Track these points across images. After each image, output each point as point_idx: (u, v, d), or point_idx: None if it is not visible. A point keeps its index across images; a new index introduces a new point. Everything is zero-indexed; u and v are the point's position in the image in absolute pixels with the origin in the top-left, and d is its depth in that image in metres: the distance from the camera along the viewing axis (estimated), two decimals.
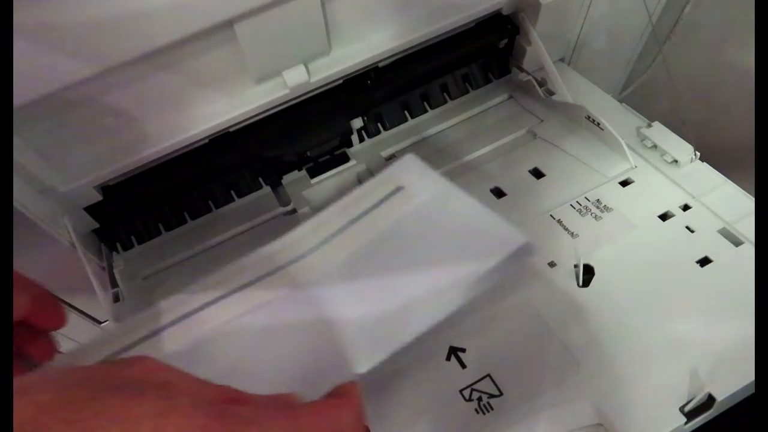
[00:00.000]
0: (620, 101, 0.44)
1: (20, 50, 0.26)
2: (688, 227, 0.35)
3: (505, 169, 0.41)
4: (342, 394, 0.21)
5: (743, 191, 0.36)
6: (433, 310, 0.26)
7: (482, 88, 0.48)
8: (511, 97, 0.47)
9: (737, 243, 0.33)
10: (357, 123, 0.45)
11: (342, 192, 0.41)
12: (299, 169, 0.44)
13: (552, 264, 0.34)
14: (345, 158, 0.44)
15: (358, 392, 0.21)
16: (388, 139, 0.46)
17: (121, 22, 0.28)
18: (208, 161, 0.40)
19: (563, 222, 0.36)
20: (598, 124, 0.39)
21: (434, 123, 0.46)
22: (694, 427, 0.28)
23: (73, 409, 0.15)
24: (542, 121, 0.44)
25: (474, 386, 0.30)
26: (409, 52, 0.42)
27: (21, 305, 0.25)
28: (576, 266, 0.34)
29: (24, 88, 0.28)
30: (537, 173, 0.40)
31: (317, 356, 0.26)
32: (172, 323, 0.28)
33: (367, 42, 0.39)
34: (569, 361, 0.30)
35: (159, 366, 0.18)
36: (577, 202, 0.37)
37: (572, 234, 0.35)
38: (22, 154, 0.32)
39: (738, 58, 0.51)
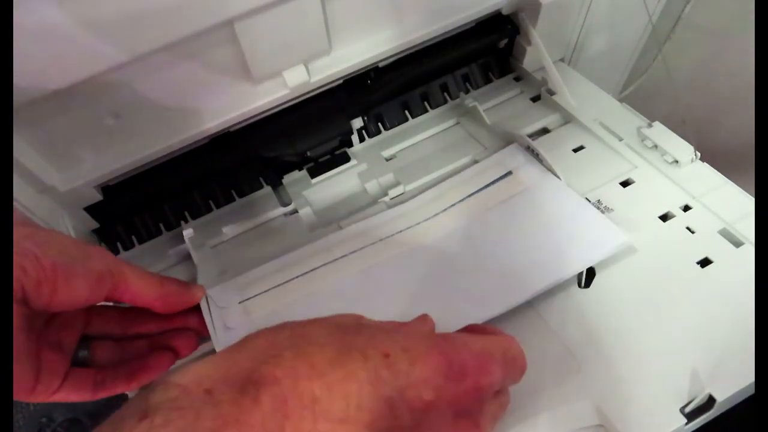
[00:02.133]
0: (620, 101, 0.44)
1: (18, 50, 0.26)
2: (688, 228, 0.35)
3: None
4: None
5: (743, 191, 0.36)
6: (537, 283, 0.31)
7: (434, 111, 0.47)
8: (458, 123, 0.46)
9: (737, 243, 0.33)
10: (357, 123, 0.45)
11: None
12: (300, 169, 0.44)
13: None
14: (345, 158, 0.44)
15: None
16: (388, 139, 0.46)
17: (120, 22, 0.28)
18: (209, 161, 0.40)
19: None
20: (537, 154, 0.39)
21: (392, 143, 0.45)
22: (694, 428, 0.28)
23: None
24: (486, 148, 0.43)
25: None
26: (409, 52, 0.42)
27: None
28: None
29: (23, 88, 0.28)
30: None
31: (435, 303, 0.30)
32: (305, 273, 0.35)
33: (367, 42, 0.39)
34: (569, 361, 0.30)
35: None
36: None
37: None
38: (22, 154, 0.32)
39: (738, 58, 0.51)
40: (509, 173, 0.38)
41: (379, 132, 0.46)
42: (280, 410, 0.18)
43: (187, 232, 0.39)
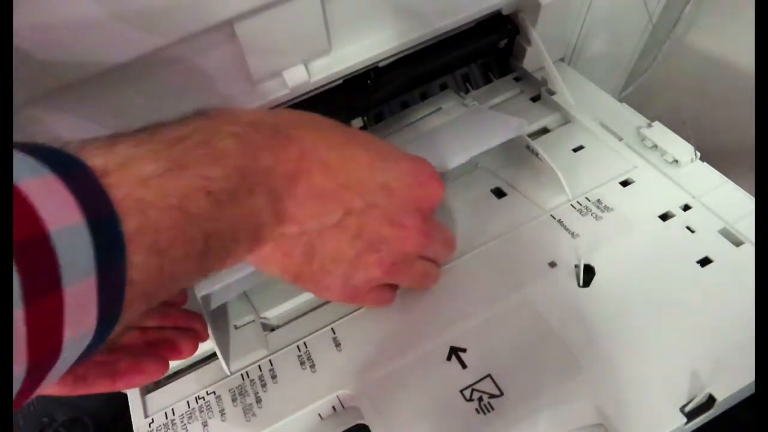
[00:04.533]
0: (620, 101, 0.44)
1: (18, 49, 0.26)
2: (688, 227, 0.35)
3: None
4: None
5: (743, 191, 0.36)
6: (478, 146, 0.37)
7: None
8: None
9: (737, 243, 0.33)
10: (357, 123, 0.45)
11: None
12: None
13: (552, 264, 0.34)
14: None
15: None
16: (387, 139, 0.46)
17: (120, 22, 0.28)
18: None
19: (564, 222, 0.36)
20: (537, 153, 0.38)
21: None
22: (694, 427, 0.28)
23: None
24: None
25: (474, 386, 0.30)
26: (409, 52, 0.42)
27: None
28: (576, 266, 0.34)
29: (22, 87, 0.28)
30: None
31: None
32: None
33: (367, 42, 0.39)
34: (569, 361, 0.30)
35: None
36: (578, 202, 0.37)
37: (573, 234, 0.35)
38: None
39: (738, 58, 0.51)
40: (439, 108, 0.46)
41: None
42: (300, 159, 0.22)
43: None
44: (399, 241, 0.26)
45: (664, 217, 0.36)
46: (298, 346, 0.33)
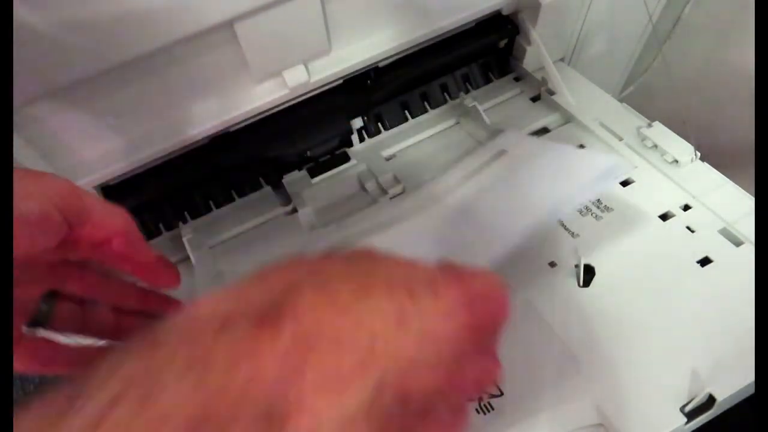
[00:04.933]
0: (620, 101, 0.44)
1: (18, 49, 0.26)
2: (688, 227, 0.35)
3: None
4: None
5: (743, 191, 0.36)
6: (542, 218, 0.31)
7: (434, 111, 0.47)
8: (458, 123, 0.46)
9: (737, 243, 0.33)
10: (357, 123, 0.45)
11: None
12: (300, 169, 0.44)
13: (552, 264, 0.34)
14: (345, 158, 0.44)
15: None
16: (388, 139, 0.46)
17: (121, 22, 0.28)
18: (209, 161, 0.40)
19: (564, 222, 0.36)
20: None
21: (392, 143, 0.45)
22: (694, 427, 0.28)
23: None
24: (485, 148, 0.42)
25: None
26: (409, 52, 0.42)
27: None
28: (576, 266, 0.34)
29: (22, 87, 0.28)
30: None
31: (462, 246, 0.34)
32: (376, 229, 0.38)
33: (367, 42, 0.39)
34: (569, 361, 0.30)
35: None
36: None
37: (573, 234, 0.36)
38: (22, 154, 0.32)
39: (738, 58, 0.51)
40: (503, 151, 0.41)
41: (379, 132, 0.46)
42: (302, 344, 0.16)
43: (186, 233, 0.39)
44: (462, 392, 0.19)
45: (664, 217, 0.36)
46: None
